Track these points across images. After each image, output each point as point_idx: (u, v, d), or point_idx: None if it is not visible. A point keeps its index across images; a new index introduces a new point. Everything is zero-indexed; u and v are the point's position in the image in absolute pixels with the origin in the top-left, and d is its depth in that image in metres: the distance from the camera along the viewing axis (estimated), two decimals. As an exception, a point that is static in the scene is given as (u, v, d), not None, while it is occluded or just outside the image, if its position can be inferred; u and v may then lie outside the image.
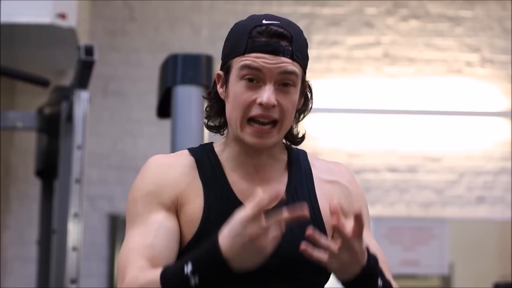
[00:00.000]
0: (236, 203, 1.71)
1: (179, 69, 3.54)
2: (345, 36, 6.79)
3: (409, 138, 6.73)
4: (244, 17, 1.82)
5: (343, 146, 6.64)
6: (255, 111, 1.69)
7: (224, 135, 1.82)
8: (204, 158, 1.78)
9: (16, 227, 6.36)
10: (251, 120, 1.70)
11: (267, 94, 1.68)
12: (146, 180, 1.74)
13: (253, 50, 1.69)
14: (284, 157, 1.82)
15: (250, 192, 1.72)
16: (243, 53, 1.70)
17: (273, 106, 1.68)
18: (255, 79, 1.69)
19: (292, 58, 1.71)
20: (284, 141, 1.85)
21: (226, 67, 1.74)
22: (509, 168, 6.68)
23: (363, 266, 1.59)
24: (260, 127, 1.70)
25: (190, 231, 1.69)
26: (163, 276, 1.57)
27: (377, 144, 6.69)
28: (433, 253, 6.63)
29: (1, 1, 5.12)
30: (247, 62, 1.69)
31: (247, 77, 1.69)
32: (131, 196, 1.75)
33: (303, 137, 1.85)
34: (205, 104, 1.84)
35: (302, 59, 1.75)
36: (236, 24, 1.78)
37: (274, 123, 1.71)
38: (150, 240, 1.66)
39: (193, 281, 1.52)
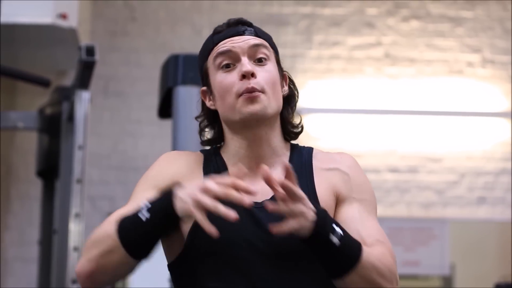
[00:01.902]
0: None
1: (180, 70, 3.54)
2: (346, 36, 6.79)
3: (409, 139, 6.73)
4: (244, 17, 1.86)
5: (343, 147, 6.64)
6: (242, 87, 1.76)
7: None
8: (212, 156, 1.85)
9: (17, 227, 6.37)
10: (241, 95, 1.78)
11: (245, 65, 1.77)
12: (151, 168, 1.85)
13: (219, 41, 1.81)
14: (287, 153, 1.87)
15: (251, 186, 1.76)
16: (212, 49, 1.81)
17: (253, 74, 1.76)
18: (231, 62, 1.79)
19: (257, 35, 1.81)
20: (287, 139, 1.90)
21: (204, 75, 1.84)
22: (510, 168, 6.68)
23: (315, 222, 1.62)
24: (248, 94, 1.77)
25: (189, 221, 1.72)
26: (122, 218, 1.67)
27: (377, 145, 6.69)
28: (434, 253, 6.63)
29: (2, 1, 5.12)
30: (218, 50, 1.79)
31: (223, 63, 1.79)
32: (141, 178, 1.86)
33: (301, 126, 1.91)
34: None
35: (269, 39, 1.84)
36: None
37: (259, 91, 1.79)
38: (128, 210, 1.71)
39: (144, 214, 1.62)
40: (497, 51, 6.81)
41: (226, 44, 1.79)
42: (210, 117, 1.86)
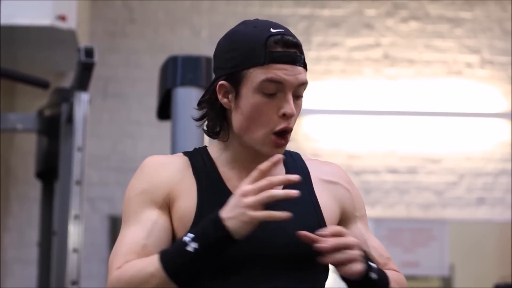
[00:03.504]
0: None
1: (179, 71, 3.53)
2: (345, 37, 6.79)
3: (409, 140, 6.73)
4: (243, 18, 1.83)
5: (343, 148, 6.65)
6: (280, 125, 1.73)
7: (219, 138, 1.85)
8: (198, 159, 1.81)
9: (16, 229, 6.37)
10: (275, 133, 1.74)
11: (290, 105, 1.72)
12: (140, 179, 1.78)
13: (273, 61, 1.71)
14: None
15: None
16: (262, 64, 1.71)
17: (292, 116, 1.73)
18: (275, 92, 1.72)
19: (304, 66, 1.75)
20: None
21: (236, 78, 1.74)
22: (509, 169, 6.68)
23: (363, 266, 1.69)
24: (281, 141, 1.74)
25: (184, 227, 1.71)
26: (162, 253, 1.64)
27: (377, 146, 6.69)
28: (433, 254, 6.63)
29: (1, 3, 5.12)
30: (270, 75, 1.70)
31: (268, 92, 1.71)
32: (126, 196, 1.79)
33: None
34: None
35: (305, 62, 1.79)
36: (239, 34, 1.77)
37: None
38: (143, 238, 1.70)
39: (192, 246, 1.60)
40: (496, 51, 6.82)
41: (280, 74, 1.70)
42: (220, 112, 1.79)
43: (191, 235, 1.62)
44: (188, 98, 3.49)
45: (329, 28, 6.80)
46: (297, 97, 1.75)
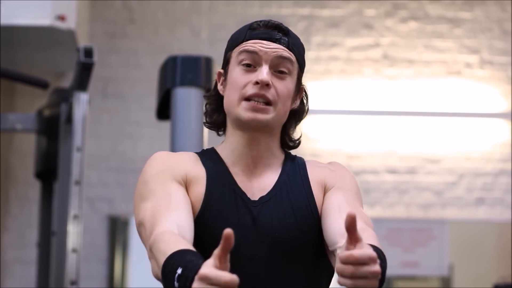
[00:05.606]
0: (237, 191, 1.80)
1: (179, 71, 3.54)
2: (345, 37, 6.79)
3: (408, 140, 6.73)
4: (243, 19, 1.88)
5: (342, 148, 6.65)
6: (251, 90, 1.78)
7: (223, 138, 1.90)
8: (207, 155, 1.86)
9: (16, 229, 6.36)
10: (247, 99, 1.79)
11: (262, 73, 1.77)
12: (156, 164, 1.81)
13: (251, 38, 1.80)
14: (281, 156, 1.89)
15: (248, 184, 1.82)
16: (242, 41, 1.81)
17: (268, 85, 1.77)
18: (252, 64, 1.79)
19: (288, 47, 1.80)
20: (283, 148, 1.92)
21: (226, 60, 1.85)
22: (509, 169, 6.68)
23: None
24: (255, 103, 1.78)
25: (193, 212, 1.75)
26: (168, 261, 1.54)
27: (376, 146, 6.69)
28: (433, 254, 6.63)
29: (1, 3, 5.12)
30: (245, 47, 1.79)
31: (244, 62, 1.79)
32: (142, 180, 1.79)
33: (299, 141, 1.91)
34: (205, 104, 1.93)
35: (298, 54, 1.83)
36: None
37: (269, 103, 1.79)
38: (174, 206, 1.69)
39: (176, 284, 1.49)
40: (495, 52, 6.82)
41: (255, 45, 1.79)
42: (218, 101, 1.88)
43: (179, 271, 1.49)
44: (187, 98, 3.50)
45: (329, 28, 6.80)
46: (280, 73, 1.79)
